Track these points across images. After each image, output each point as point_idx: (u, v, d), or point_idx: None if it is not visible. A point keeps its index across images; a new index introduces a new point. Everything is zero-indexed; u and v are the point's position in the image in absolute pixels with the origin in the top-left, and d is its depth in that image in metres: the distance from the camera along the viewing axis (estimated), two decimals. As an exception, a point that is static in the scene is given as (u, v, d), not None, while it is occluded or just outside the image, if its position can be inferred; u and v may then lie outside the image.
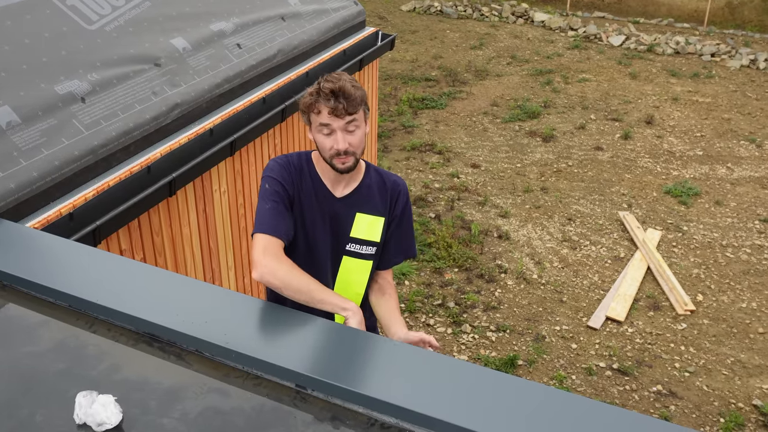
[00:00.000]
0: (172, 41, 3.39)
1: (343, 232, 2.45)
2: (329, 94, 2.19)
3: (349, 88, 2.21)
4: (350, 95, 2.20)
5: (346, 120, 2.22)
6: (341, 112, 2.19)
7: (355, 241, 2.47)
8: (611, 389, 6.17)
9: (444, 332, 6.86)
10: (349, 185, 2.44)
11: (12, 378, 1.97)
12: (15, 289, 2.31)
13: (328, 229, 2.44)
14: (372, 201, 2.45)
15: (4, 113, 2.67)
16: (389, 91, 12.04)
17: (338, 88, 2.20)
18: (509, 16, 15.43)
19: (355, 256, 2.49)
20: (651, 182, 9.33)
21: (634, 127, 10.73)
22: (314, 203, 2.40)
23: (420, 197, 8.98)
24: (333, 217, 2.43)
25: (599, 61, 13.17)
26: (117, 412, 1.83)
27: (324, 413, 1.88)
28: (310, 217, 2.40)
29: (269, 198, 2.28)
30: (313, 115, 2.24)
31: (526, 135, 10.60)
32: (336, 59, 4.22)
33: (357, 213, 2.44)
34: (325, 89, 2.19)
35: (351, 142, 2.26)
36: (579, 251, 8.01)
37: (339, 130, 2.23)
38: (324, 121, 2.21)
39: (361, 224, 2.44)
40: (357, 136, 2.27)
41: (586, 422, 1.79)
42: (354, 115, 2.24)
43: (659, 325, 6.89)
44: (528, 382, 1.95)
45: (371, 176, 2.48)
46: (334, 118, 2.21)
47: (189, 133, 3.23)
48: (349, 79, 2.25)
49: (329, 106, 2.19)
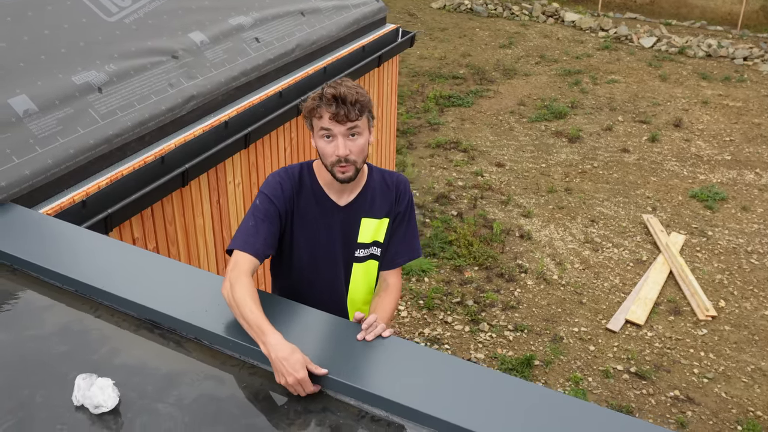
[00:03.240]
0: (190, 35, 3.43)
1: (352, 240, 2.44)
2: (331, 99, 2.17)
3: (352, 94, 2.19)
4: (352, 101, 2.18)
5: (347, 126, 2.20)
6: (342, 117, 2.17)
7: (362, 247, 2.46)
8: (628, 393, 6.12)
9: (462, 330, 6.85)
10: (352, 192, 2.41)
11: (15, 359, 2.02)
12: (25, 273, 2.36)
13: (336, 239, 2.42)
14: (376, 204, 2.43)
15: (22, 102, 2.74)
16: (416, 88, 12.04)
17: (340, 93, 2.17)
18: (539, 15, 15.32)
19: (363, 260, 2.48)
20: (677, 186, 9.22)
21: (662, 129, 10.60)
22: (318, 215, 2.38)
23: (443, 195, 8.97)
24: (340, 226, 2.41)
25: (629, 62, 13.02)
26: (114, 395, 1.87)
27: (316, 404, 1.90)
28: (313, 229, 2.38)
29: (255, 214, 2.27)
30: (315, 120, 2.22)
31: (552, 135, 10.53)
32: (354, 55, 4.23)
33: (362, 218, 2.42)
34: (327, 94, 2.18)
35: (352, 149, 2.23)
36: (601, 253, 7.95)
37: (340, 136, 2.20)
38: (325, 125, 2.19)
39: (367, 228, 2.44)
40: (358, 143, 2.23)
41: (575, 422, 1.79)
42: (356, 121, 2.21)
43: (679, 330, 6.81)
44: (520, 381, 1.95)
45: (374, 178, 2.45)
46: (335, 124, 2.19)
47: (204, 125, 3.27)
48: (353, 86, 2.22)
49: (330, 111, 2.18)
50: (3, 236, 2.44)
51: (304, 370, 1.86)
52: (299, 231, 2.39)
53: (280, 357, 1.86)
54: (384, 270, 2.53)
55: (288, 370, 1.84)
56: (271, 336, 1.92)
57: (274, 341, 1.91)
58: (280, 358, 1.86)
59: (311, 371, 1.88)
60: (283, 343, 1.91)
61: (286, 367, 1.85)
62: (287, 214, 2.35)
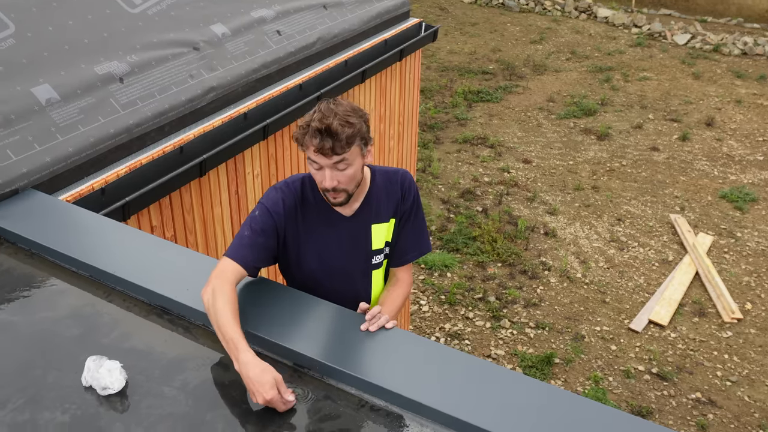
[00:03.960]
0: (212, 27, 3.47)
1: (366, 249, 2.38)
2: (316, 132, 2.07)
3: (338, 127, 2.06)
4: (338, 135, 2.06)
5: (333, 160, 2.10)
6: (327, 151, 2.08)
7: (378, 253, 2.41)
8: (648, 393, 6.07)
9: (482, 326, 6.85)
10: (356, 201, 2.33)
11: (29, 340, 2.08)
12: (42, 257, 2.43)
13: (348, 250, 2.36)
14: (383, 207, 2.37)
15: (45, 91, 2.80)
16: (445, 83, 12.01)
17: (326, 126, 2.06)
18: (572, 11, 15.18)
19: (379, 266, 2.44)
20: (706, 186, 9.09)
21: (694, 128, 10.45)
22: (324, 228, 2.32)
23: (468, 190, 8.96)
24: (349, 236, 2.35)
25: (662, 59, 12.85)
26: (121, 378, 1.92)
27: (318, 392, 1.93)
28: (322, 242, 2.32)
29: (252, 227, 2.22)
30: (304, 149, 2.15)
31: (581, 132, 10.45)
32: (376, 49, 4.24)
33: (372, 225, 2.37)
34: (314, 125, 2.08)
35: (340, 180, 2.14)
36: (626, 252, 7.88)
37: (327, 168, 2.12)
38: (312, 157, 2.13)
39: (379, 234, 2.39)
40: (347, 173, 2.15)
41: (571, 415, 1.79)
42: (343, 155, 2.10)
43: (703, 332, 6.73)
44: (518, 374, 1.96)
45: (377, 182, 2.38)
46: (321, 157, 2.11)
47: (223, 116, 3.31)
48: (342, 114, 2.09)
49: (314, 145, 2.08)
50: (23, 221, 2.50)
51: (273, 390, 1.81)
52: (306, 246, 2.33)
53: (251, 376, 1.84)
54: (394, 267, 2.49)
55: (258, 389, 1.82)
56: (243, 353, 1.88)
57: (245, 359, 1.87)
58: (251, 377, 1.84)
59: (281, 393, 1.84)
60: (255, 361, 1.87)
61: (257, 386, 1.82)
62: (287, 229, 2.29)
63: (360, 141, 2.16)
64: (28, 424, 1.82)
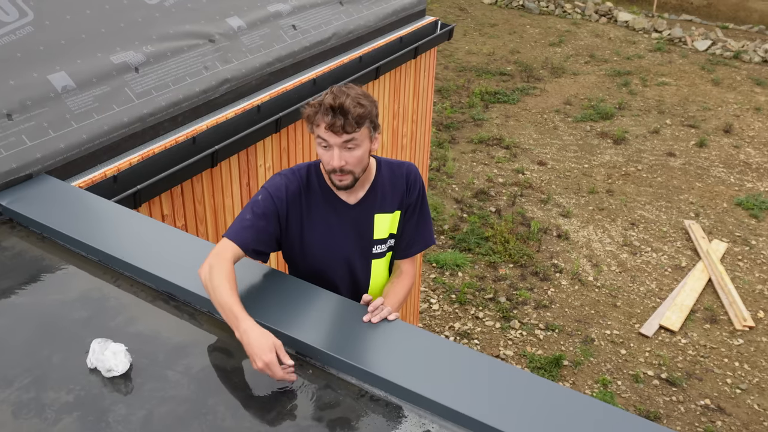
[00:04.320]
0: (228, 20, 3.50)
1: (367, 238, 2.41)
2: (328, 109, 2.11)
3: (350, 105, 2.11)
4: (350, 113, 2.11)
5: (343, 138, 2.13)
6: (338, 129, 2.11)
7: (380, 243, 2.44)
8: (657, 398, 6.04)
9: (492, 326, 6.85)
10: (361, 189, 2.37)
11: (37, 321, 2.11)
12: (53, 241, 2.46)
13: (351, 239, 2.39)
14: (387, 198, 2.40)
15: (61, 78, 2.84)
16: (462, 83, 12.01)
17: (338, 104, 2.10)
18: (592, 14, 15.11)
19: (382, 256, 2.47)
20: (722, 192, 9.03)
21: (711, 135, 10.38)
22: (328, 215, 2.35)
23: (482, 191, 8.95)
24: (352, 224, 2.37)
25: (681, 65, 12.77)
26: (126, 360, 1.95)
27: (319, 381, 1.95)
28: (324, 229, 2.35)
29: (254, 211, 2.25)
30: (314, 127, 2.19)
31: (597, 136, 10.41)
32: (391, 46, 4.26)
33: (375, 215, 2.39)
34: (325, 103, 2.13)
35: (348, 160, 2.17)
36: (639, 257, 7.84)
37: (336, 147, 2.15)
38: (322, 135, 2.16)
39: (382, 224, 2.41)
40: (355, 154, 2.18)
41: (573, 415, 1.80)
42: (353, 134, 2.14)
43: (714, 339, 6.69)
44: (517, 369, 1.97)
45: (382, 173, 2.40)
46: (331, 134, 2.12)
47: (236, 108, 3.34)
48: (354, 96, 2.14)
49: (326, 122, 2.11)
50: (35, 205, 2.54)
51: (272, 353, 1.85)
52: (310, 232, 2.36)
53: (251, 341, 1.88)
54: (398, 259, 2.52)
55: (257, 353, 1.85)
56: (243, 321, 1.93)
57: (245, 326, 1.91)
58: (250, 342, 1.88)
59: (280, 358, 1.88)
60: (254, 327, 1.92)
61: (255, 350, 1.86)
62: (289, 215, 2.31)
63: (369, 124, 2.20)
64: (32, 402, 1.85)
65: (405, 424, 1.81)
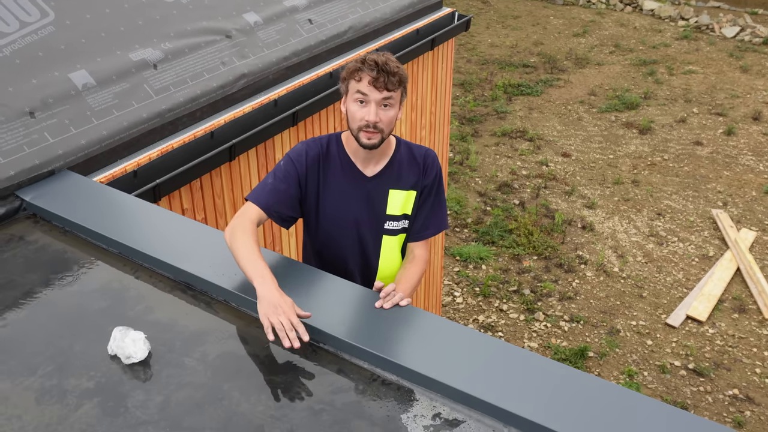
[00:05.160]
0: (245, 15, 3.55)
1: (380, 211, 2.50)
2: (373, 65, 2.27)
3: (393, 66, 2.29)
4: (393, 72, 2.28)
5: (383, 95, 2.27)
6: (381, 84, 2.26)
7: (391, 218, 2.52)
8: (684, 389, 5.99)
9: (516, 318, 6.84)
10: (379, 163, 2.47)
11: (60, 311, 2.17)
12: (75, 235, 2.52)
13: (364, 210, 2.48)
14: (403, 175, 2.48)
15: (81, 76, 2.91)
16: (485, 76, 11.97)
17: (383, 62, 2.27)
18: (617, 3, 14.95)
19: (392, 233, 2.54)
20: (751, 181, 8.90)
21: (740, 122, 10.23)
22: (344, 184, 2.45)
23: (505, 183, 8.92)
24: (367, 196, 2.47)
25: (709, 52, 12.59)
26: (145, 348, 2.00)
27: (331, 366, 1.98)
28: (339, 197, 2.46)
29: (276, 175, 2.40)
30: (353, 82, 2.31)
31: (622, 126, 10.31)
32: (408, 38, 4.27)
33: (390, 190, 2.48)
34: (370, 60, 2.28)
35: (382, 118, 2.29)
36: (665, 247, 7.77)
37: (374, 102, 2.29)
38: (363, 89, 2.28)
39: (396, 200, 2.49)
40: (389, 114, 2.32)
41: (587, 396, 1.81)
42: (392, 92, 2.29)
43: (743, 328, 6.61)
44: (531, 353, 1.98)
45: (401, 151, 2.51)
46: (372, 89, 2.27)
47: (254, 102, 3.38)
48: (395, 59, 2.35)
49: (371, 76, 2.27)
50: (58, 200, 2.61)
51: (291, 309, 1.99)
52: (325, 199, 2.46)
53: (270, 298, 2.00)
54: (411, 242, 2.58)
55: (283, 309, 1.97)
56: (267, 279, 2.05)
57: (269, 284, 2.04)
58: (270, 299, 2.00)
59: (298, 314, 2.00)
60: (276, 287, 2.04)
61: (282, 305, 1.97)
62: (308, 180, 2.43)
63: (403, 89, 2.36)
64: (55, 389, 1.90)
65: (416, 407, 1.84)
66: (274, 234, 3.70)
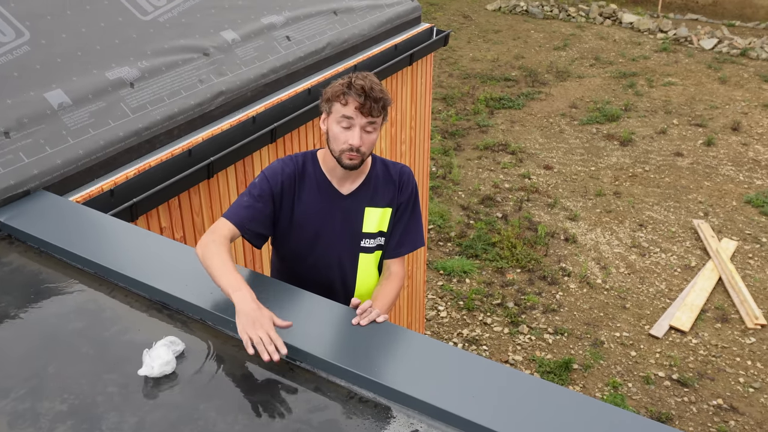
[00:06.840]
0: (222, 33, 3.55)
1: (356, 229, 2.49)
2: (361, 90, 2.26)
3: (378, 91, 2.29)
4: (378, 99, 2.28)
5: (368, 119, 2.28)
6: (366, 110, 2.26)
7: (367, 236, 2.51)
8: (668, 400, 6.01)
9: (501, 332, 6.84)
10: (356, 181, 2.47)
11: (34, 333, 2.15)
12: (50, 255, 2.50)
13: (340, 228, 2.47)
14: (379, 193, 2.48)
15: (57, 95, 2.89)
16: (467, 90, 12.03)
17: (370, 87, 2.27)
18: (596, 17, 15.11)
19: (369, 251, 2.53)
20: (731, 191, 8.98)
21: (719, 133, 10.34)
22: (320, 202, 2.44)
23: (488, 197, 8.95)
24: (342, 214, 2.46)
25: (687, 64, 12.73)
26: (170, 352, 2.00)
27: (308, 384, 1.96)
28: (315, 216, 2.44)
29: (251, 192, 2.38)
30: (338, 105, 2.29)
31: (603, 138, 10.39)
32: (386, 54, 4.29)
33: (366, 207, 2.47)
34: (356, 85, 2.26)
35: (365, 141, 2.30)
36: (648, 258, 7.81)
37: (359, 127, 2.28)
38: (348, 114, 2.27)
39: (371, 218, 2.49)
40: (372, 137, 2.33)
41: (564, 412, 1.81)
42: (376, 118, 2.30)
43: (726, 338, 6.65)
44: (509, 369, 1.98)
45: (377, 168, 2.51)
46: (358, 114, 2.27)
47: (232, 119, 3.38)
48: (378, 82, 2.33)
49: (358, 101, 2.25)
50: (33, 221, 2.58)
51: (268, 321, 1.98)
52: (300, 217, 2.45)
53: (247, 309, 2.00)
54: (387, 259, 2.57)
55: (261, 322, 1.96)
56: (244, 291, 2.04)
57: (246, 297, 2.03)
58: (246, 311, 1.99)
59: (277, 325, 2.00)
60: (254, 299, 2.03)
61: (259, 319, 1.96)
62: (283, 197, 2.41)
63: (385, 114, 2.37)
64: (28, 412, 1.88)
65: (393, 424, 1.83)
66: (254, 251, 3.69)
